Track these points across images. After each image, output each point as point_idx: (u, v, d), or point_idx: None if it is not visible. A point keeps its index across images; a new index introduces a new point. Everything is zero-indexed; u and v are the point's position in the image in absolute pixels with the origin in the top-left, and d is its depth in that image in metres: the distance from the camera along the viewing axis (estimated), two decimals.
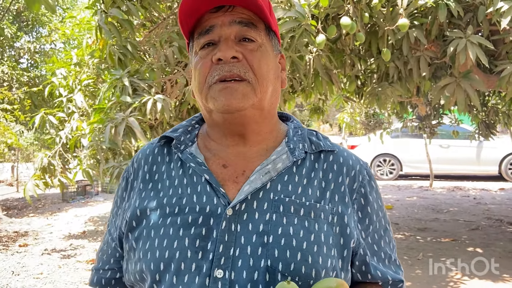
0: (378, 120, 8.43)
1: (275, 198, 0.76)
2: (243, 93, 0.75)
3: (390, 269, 0.85)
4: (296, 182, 0.79)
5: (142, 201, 0.81)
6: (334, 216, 0.78)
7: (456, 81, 3.03)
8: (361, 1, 2.69)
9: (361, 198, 0.83)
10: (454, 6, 2.74)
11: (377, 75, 3.80)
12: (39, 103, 8.87)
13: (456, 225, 5.56)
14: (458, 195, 8.03)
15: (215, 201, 0.75)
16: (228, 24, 0.78)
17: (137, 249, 0.77)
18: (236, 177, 0.79)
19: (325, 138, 0.87)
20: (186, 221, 0.74)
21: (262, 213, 0.74)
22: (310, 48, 2.97)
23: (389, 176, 10.45)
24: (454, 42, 2.80)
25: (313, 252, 0.73)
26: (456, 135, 6.24)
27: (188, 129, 0.89)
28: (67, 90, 4.21)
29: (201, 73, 0.78)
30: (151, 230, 0.76)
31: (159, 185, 0.82)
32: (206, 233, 0.73)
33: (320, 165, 0.83)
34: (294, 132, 0.85)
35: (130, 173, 0.88)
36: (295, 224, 0.74)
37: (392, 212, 6.56)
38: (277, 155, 0.80)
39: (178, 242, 0.73)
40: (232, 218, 0.73)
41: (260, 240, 0.72)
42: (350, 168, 0.84)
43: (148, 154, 0.88)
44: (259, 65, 0.77)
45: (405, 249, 4.51)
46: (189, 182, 0.79)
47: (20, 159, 11.90)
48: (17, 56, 10.65)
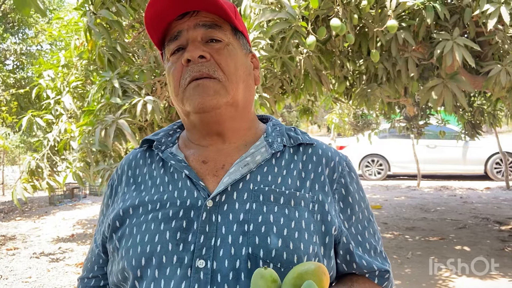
0: (366, 121, 8.51)
1: (254, 188, 0.77)
2: (214, 89, 0.77)
3: (376, 260, 0.85)
4: (275, 173, 0.80)
5: (125, 202, 0.82)
6: (315, 204, 0.79)
7: (444, 83, 3.08)
8: (351, 2, 2.72)
9: (342, 188, 0.84)
10: (441, 9, 2.79)
11: (366, 76, 3.84)
12: (25, 105, 8.75)
13: (443, 224, 5.64)
14: (445, 195, 8.14)
15: (195, 195, 0.77)
16: (193, 28, 0.80)
17: (120, 248, 0.78)
18: (216, 171, 0.81)
19: (303, 133, 0.89)
20: (167, 215, 0.76)
21: (242, 203, 0.75)
22: (301, 49, 2.99)
23: (377, 176, 10.54)
24: (441, 44, 2.85)
25: (294, 238, 0.73)
26: (443, 135, 6.33)
27: (169, 132, 0.92)
28: (55, 92, 4.17)
29: (174, 77, 0.81)
30: (134, 227, 0.77)
31: (142, 186, 0.84)
32: (187, 226, 0.74)
33: (299, 157, 0.84)
34: (272, 128, 0.88)
35: (115, 180, 0.90)
36: (275, 212, 0.75)
37: (381, 212, 6.62)
38: (255, 148, 0.82)
39: (159, 236, 0.74)
40: (213, 209, 0.74)
41: (241, 229, 0.73)
42: (329, 159, 0.85)
43: (131, 159, 0.90)
44: (226, 63, 0.80)
45: (394, 248, 4.56)
46: (170, 179, 0.81)
47: (6, 162, 11.72)
48: (3, 58, 10.49)
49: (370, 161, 10.59)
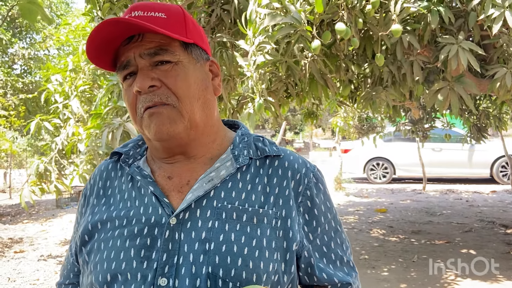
0: (371, 124, 8.50)
1: (218, 205, 0.77)
2: (169, 116, 0.77)
3: (342, 270, 0.85)
4: (239, 189, 0.80)
5: (94, 215, 0.83)
6: (278, 220, 0.78)
7: (449, 85, 3.08)
8: (355, 7, 2.74)
9: (307, 200, 0.83)
10: (445, 13, 2.80)
11: (371, 80, 3.85)
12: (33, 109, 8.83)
13: (449, 228, 5.62)
14: (451, 198, 8.11)
15: (159, 211, 0.77)
16: (139, 56, 0.78)
17: (89, 262, 0.80)
18: (180, 187, 0.81)
19: (271, 144, 0.88)
20: (132, 232, 0.76)
21: (205, 221, 0.76)
22: (306, 53, 3.01)
23: (383, 179, 10.52)
24: (446, 48, 2.86)
25: (254, 257, 0.74)
26: (448, 139, 6.31)
27: (138, 143, 0.91)
28: (63, 96, 4.22)
29: (130, 105, 0.80)
30: (101, 243, 0.79)
31: (111, 199, 0.84)
32: (151, 243, 0.75)
33: (265, 170, 0.83)
34: (240, 139, 0.86)
35: (87, 189, 0.90)
36: (237, 230, 0.75)
37: (386, 215, 6.62)
38: (221, 162, 0.82)
39: (124, 253, 0.75)
40: (176, 226, 0.75)
41: (202, 247, 0.73)
42: (296, 172, 0.84)
43: (102, 170, 0.90)
44: (176, 86, 0.77)
45: (400, 251, 4.56)
46: (137, 195, 0.81)
47: (13, 165, 11.82)
48: (11, 62, 10.61)
49: (375, 164, 10.57)
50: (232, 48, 3.35)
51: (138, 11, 0.78)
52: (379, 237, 5.29)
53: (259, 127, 22.21)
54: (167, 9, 0.80)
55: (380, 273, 3.93)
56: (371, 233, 5.52)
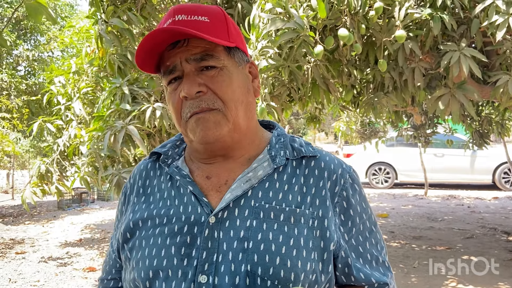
0: (373, 129, 8.50)
1: (255, 205, 0.79)
2: (214, 121, 0.79)
3: (378, 271, 0.86)
4: (276, 189, 0.81)
5: (135, 213, 0.86)
6: (315, 220, 0.80)
7: (451, 92, 3.09)
8: (358, 13, 2.75)
9: (343, 201, 0.84)
10: (448, 19, 2.81)
11: (373, 85, 3.86)
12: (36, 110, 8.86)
13: (450, 234, 5.61)
14: (453, 204, 8.09)
15: (199, 210, 0.79)
16: (185, 61, 0.80)
17: (131, 258, 0.82)
18: (219, 187, 0.82)
19: (307, 144, 0.89)
20: (173, 230, 0.79)
21: (243, 220, 0.77)
22: (308, 58, 3.02)
23: (385, 184, 10.50)
24: (448, 55, 2.86)
25: (292, 256, 0.75)
26: (450, 144, 6.31)
27: (176, 143, 0.93)
28: (66, 98, 4.23)
29: (175, 109, 0.82)
30: (143, 240, 0.81)
31: (151, 198, 0.87)
32: (191, 241, 0.77)
33: (301, 170, 0.85)
34: (277, 139, 0.88)
35: (127, 188, 0.93)
36: (275, 229, 0.77)
37: (388, 221, 6.60)
38: (258, 163, 0.83)
39: (165, 251, 0.77)
40: (215, 225, 0.77)
41: (241, 246, 0.75)
42: (332, 172, 0.85)
43: (142, 169, 0.93)
44: (222, 91, 0.79)
45: (401, 257, 4.55)
46: (176, 194, 0.84)
47: (16, 166, 11.85)
48: (15, 64, 10.66)
49: (377, 169, 10.56)
50: None
51: (182, 15, 0.79)
52: None
53: None
54: (209, 11, 0.81)
55: None
56: None
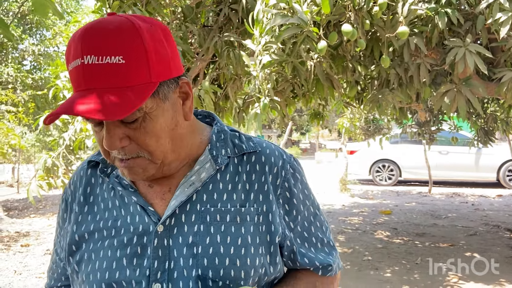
0: (377, 126, 8.49)
1: (201, 209, 0.79)
2: (142, 167, 0.76)
3: (323, 252, 0.90)
4: (220, 190, 0.81)
5: (79, 225, 0.84)
6: (260, 216, 0.81)
7: (456, 88, 3.08)
8: (362, 8, 2.75)
9: (286, 192, 0.85)
10: (453, 15, 2.80)
11: (377, 81, 3.85)
12: (42, 105, 8.92)
13: (454, 231, 5.61)
14: (457, 201, 8.08)
15: (146, 220, 0.79)
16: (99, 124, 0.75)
17: (80, 272, 0.81)
18: (163, 194, 0.82)
19: (248, 139, 0.88)
20: (122, 242, 0.78)
21: (190, 225, 0.78)
22: (312, 54, 3.02)
23: (388, 181, 10.50)
24: (453, 51, 2.86)
25: (241, 255, 0.77)
26: (455, 142, 6.29)
27: None
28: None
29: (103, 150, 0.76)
30: (92, 253, 0.80)
31: (95, 207, 0.84)
32: (141, 251, 0.77)
33: (243, 167, 0.84)
34: (217, 137, 0.85)
35: (68, 195, 0.89)
36: (222, 231, 0.78)
37: (391, 217, 6.61)
38: (200, 164, 0.82)
39: (116, 263, 0.77)
40: (164, 233, 0.77)
41: (190, 252, 0.76)
42: (273, 165, 0.86)
43: (82, 176, 0.89)
44: (146, 144, 0.74)
45: (403, 253, 4.56)
46: (121, 204, 0.82)
47: (21, 160, 11.94)
48: (21, 58, 10.72)
49: (381, 166, 10.55)
50: (240, 47, 3.37)
51: (91, 56, 0.66)
52: (383, 238, 5.29)
53: (266, 127, 22.20)
54: (124, 46, 0.67)
55: (383, 274, 3.93)
56: (375, 234, 5.52)
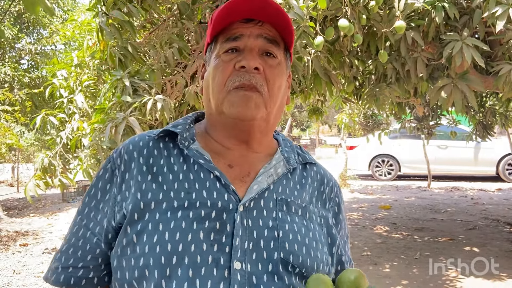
0: (376, 121, 8.48)
1: (278, 198, 0.82)
2: (256, 103, 0.80)
3: None
4: (291, 187, 0.86)
5: (144, 193, 0.78)
6: (321, 219, 0.87)
7: (453, 82, 3.07)
8: (359, 3, 2.73)
9: (335, 206, 0.93)
10: (450, 9, 2.79)
11: (375, 76, 3.84)
12: (39, 104, 8.89)
13: (453, 225, 5.61)
14: (456, 196, 8.08)
15: (226, 197, 0.78)
16: (255, 37, 0.82)
17: (140, 243, 0.74)
18: (242, 177, 0.83)
19: (307, 153, 0.97)
20: (199, 215, 0.75)
21: (269, 211, 0.79)
22: (309, 50, 3.01)
23: (388, 176, 10.50)
24: (450, 45, 2.84)
25: (314, 247, 0.80)
26: (454, 136, 6.28)
27: (186, 126, 0.88)
28: (68, 91, 4.24)
29: (222, 76, 0.82)
30: (159, 223, 0.74)
31: (160, 178, 0.80)
32: (221, 227, 0.75)
33: (307, 174, 0.91)
34: (284, 143, 0.93)
35: (118, 164, 0.83)
36: (297, 222, 0.81)
37: (390, 212, 6.61)
38: (276, 161, 0.87)
39: (192, 235, 0.73)
40: (244, 214, 0.77)
41: (271, 234, 0.77)
42: (329, 180, 0.95)
43: (141, 146, 0.84)
44: (274, 81, 0.83)
45: (402, 248, 4.56)
46: (196, 178, 0.79)
47: (21, 159, 11.92)
48: (18, 57, 10.68)
49: (381, 161, 10.55)
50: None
51: None
52: (382, 233, 5.29)
53: None
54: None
55: (382, 269, 3.93)
56: (375, 229, 5.52)
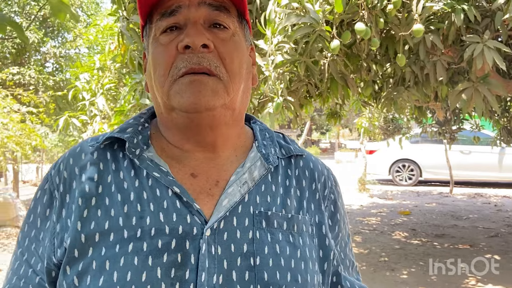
0: (397, 125, 8.38)
1: (255, 212, 0.65)
2: (213, 89, 0.63)
3: (354, 276, 0.81)
4: (274, 192, 0.69)
5: (86, 222, 0.62)
6: (313, 227, 0.71)
7: (474, 86, 3.02)
8: (376, 7, 2.72)
9: (331, 205, 0.76)
10: (470, 11, 2.74)
11: (393, 80, 3.81)
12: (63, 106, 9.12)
13: (474, 232, 5.49)
14: (479, 202, 7.90)
15: (188, 220, 0.61)
16: (196, 5, 0.64)
17: (83, 287, 0.60)
18: (209, 189, 0.66)
19: (292, 141, 0.78)
20: (155, 246, 0.59)
21: (244, 231, 0.63)
22: (325, 53, 3.01)
23: (408, 181, 10.34)
24: (471, 47, 2.80)
25: (302, 270, 0.65)
26: (477, 141, 6.15)
27: (138, 128, 0.71)
28: (90, 94, 4.35)
29: (163, 63, 0.64)
30: (106, 261, 0.59)
31: (107, 200, 0.63)
32: (183, 260, 0.59)
33: (293, 171, 0.74)
34: (261, 135, 0.75)
35: (57, 184, 0.66)
36: (280, 240, 0.65)
37: (410, 218, 6.51)
38: (251, 162, 0.69)
39: (147, 274, 0.58)
40: (211, 239, 0.61)
41: (246, 263, 0.61)
42: (320, 174, 0.77)
43: (84, 159, 0.67)
44: (231, 59, 0.65)
45: (421, 255, 4.49)
46: (151, 197, 0.63)
47: (45, 160, 12.23)
48: (43, 61, 10.99)
49: (401, 166, 10.39)
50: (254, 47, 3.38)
51: None
52: (401, 239, 5.21)
53: (285, 127, 22.16)
54: None
55: (399, 275, 3.88)
56: (393, 235, 5.45)
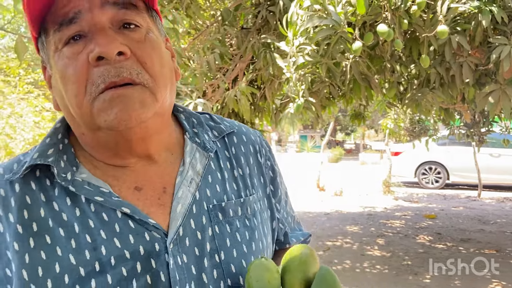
0: (423, 127, 8.22)
1: (209, 207, 0.64)
2: (140, 100, 0.56)
3: (297, 229, 0.86)
4: (220, 180, 0.68)
5: (31, 269, 0.54)
6: (261, 201, 0.72)
7: (501, 88, 2.97)
8: (400, 8, 2.70)
9: (270, 171, 0.77)
10: (498, 12, 2.69)
11: (418, 81, 3.77)
12: None
13: (502, 237, 5.35)
14: (508, 207, 7.67)
15: (147, 238, 0.57)
16: (99, 7, 0.55)
17: None
18: (158, 199, 0.62)
19: (221, 119, 0.76)
20: (121, 276, 0.54)
21: (203, 230, 0.61)
22: (347, 55, 3.01)
23: (435, 184, 10.13)
24: (498, 49, 2.75)
25: (260, 250, 0.67)
26: (507, 144, 5.99)
27: (59, 147, 0.62)
28: None
29: (76, 81, 0.55)
30: None
31: (47, 239, 0.55)
32: (153, 281, 0.56)
33: (230, 151, 0.72)
34: (189, 123, 0.71)
35: None
36: (239, 228, 0.65)
37: (435, 222, 6.39)
38: (189, 156, 0.66)
39: None
40: (176, 250, 0.58)
41: (212, 262, 0.61)
42: (254, 143, 0.76)
43: (5, 196, 0.57)
44: (152, 61, 0.58)
45: (445, 259, 4.41)
46: (98, 224, 0.57)
47: None
48: None
49: (428, 168, 10.20)
50: (276, 49, 3.41)
51: None
52: (425, 243, 5.13)
53: (309, 127, 22.07)
54: None
55: (422, 279, 3.83)
56: (417, 239, 5.37)
